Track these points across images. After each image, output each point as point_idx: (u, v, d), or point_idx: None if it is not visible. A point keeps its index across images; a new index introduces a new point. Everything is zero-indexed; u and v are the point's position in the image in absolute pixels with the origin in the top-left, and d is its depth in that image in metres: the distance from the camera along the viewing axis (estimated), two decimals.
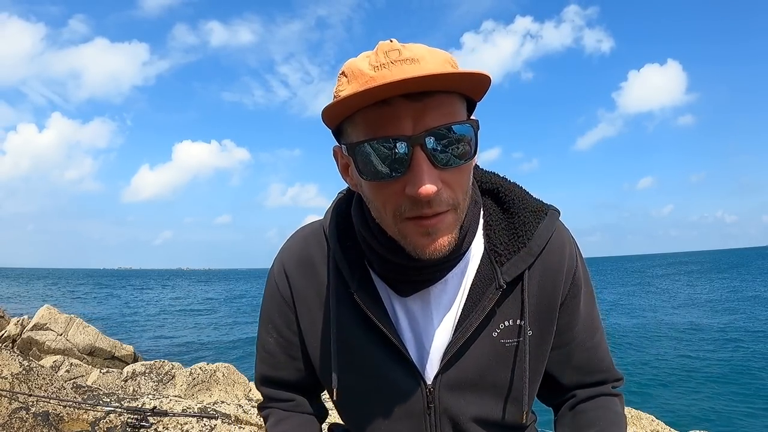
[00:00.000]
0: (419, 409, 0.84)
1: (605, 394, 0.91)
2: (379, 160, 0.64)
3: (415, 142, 0.63)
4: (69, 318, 10.21)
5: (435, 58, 0.66)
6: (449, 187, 0.66)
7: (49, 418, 3.17)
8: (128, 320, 25.39)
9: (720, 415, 8.60)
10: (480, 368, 0.82)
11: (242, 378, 6.20)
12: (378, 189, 0.67)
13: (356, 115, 0.65)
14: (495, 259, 0.80)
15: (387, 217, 0.70)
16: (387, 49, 0.65)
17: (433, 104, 0.63)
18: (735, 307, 23.09)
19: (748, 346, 14.19)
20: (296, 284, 0.88)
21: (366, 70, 0.65)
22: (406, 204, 0.66)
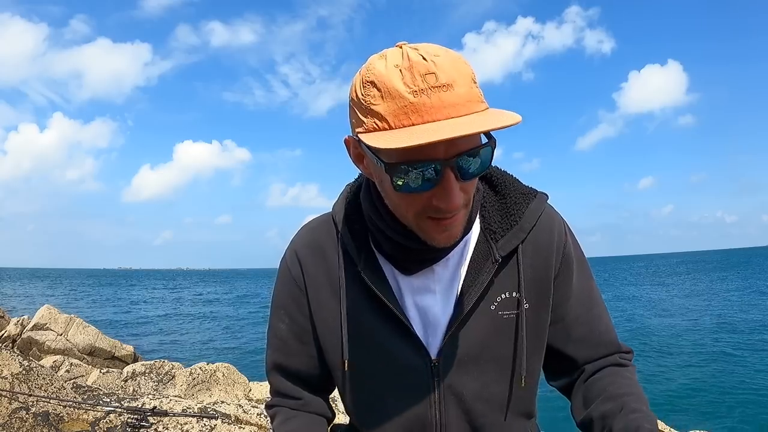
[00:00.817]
0: (425, 384, 0.88)
1: (614, 365, 0.92)
2: (414, 179, 0.71)
3: (446, 165, 0.70)
4: (69, 318, 10.22)
5: (463, 77, 0.69)
6: (466, 192, 0.76)
7: (49, 418, 3.17)
8: (128, 320, 25.39)
9: (720, 415, 8.60)
10: (481, 341, 0.87)
11: (242, 378, 6.20)
12: (407, 198, 0.75)
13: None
14: (490, 236, 0.88)
15: (408, 215, 0.78)
16: (423, 71, 0.67)
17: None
18: (736, 307, 23.09)
19: (749, 346, 14.19)
20: (308, 268, 0.93)
21: (403, 92, 0.67)
22: (430, 209, 0.75)
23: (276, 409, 0.97)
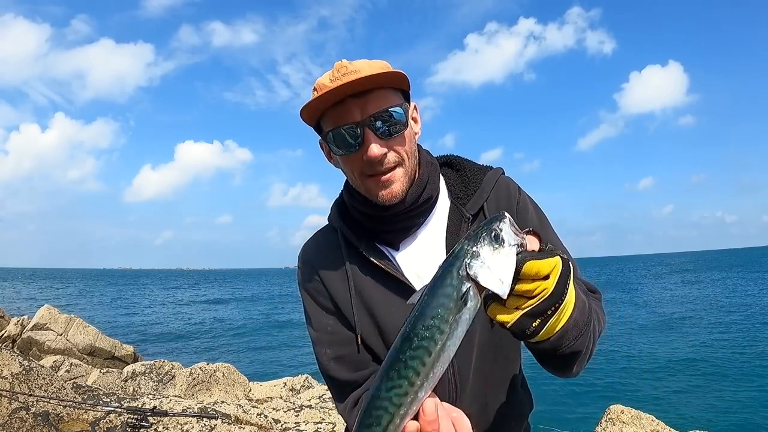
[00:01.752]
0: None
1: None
2: (343, 140, 0.97)
3: (362, 124, 0.95)
4: (69, 318, 10.21)
5: (372, 67, 0.95)
6: (393, 150, 0.97)
7: (49, 418, 3.17)
8: (128, 320, 25.39)
9: (720, 415, 8.60)
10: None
11: (242, 378, 6.19)
12: (347, 160, 0.99)
13: (325, 114, 0.99)
14: (458, 202, 1.08)
15: (356, 178, 1.01)
16: (338, 67, 0.97)
17: (371, 98, 0.95)
18: (737, 306, 23.09)
19: (749, 346, 14.19)
20: (319, 268, 1.10)
21: (327, 83, 0.96)
22: (365, 166, 0.97)
23: (350, 397, 1.04)
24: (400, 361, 0.73)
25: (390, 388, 0.73)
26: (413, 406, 0.73)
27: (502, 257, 0.68)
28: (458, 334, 0.71)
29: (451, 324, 0.70)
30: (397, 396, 0.73)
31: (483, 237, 0.69)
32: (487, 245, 0.68)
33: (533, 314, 0.70)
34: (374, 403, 0.75)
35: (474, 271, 0.68)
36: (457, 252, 0.71)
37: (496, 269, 0.67)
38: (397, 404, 0.73)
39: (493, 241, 0.68)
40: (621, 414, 4.85)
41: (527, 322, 0.70)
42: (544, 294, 0.69)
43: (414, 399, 0.73)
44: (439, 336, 0.70)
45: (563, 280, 0.70)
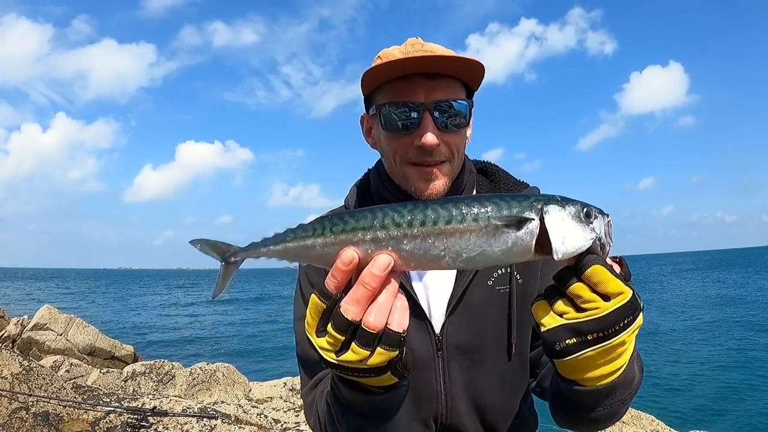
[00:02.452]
0: (428, 357, 0.96)
1: None
2: (397, 118, 0.90)
3: (425, 108, 0.89)
4: (69, 318, 10.21)
5: (446, 52, 0.92)
6: (446, 144, 0.91)
7: (49, 418, 3.17)
8: (128, 320, 25.38)
9: (720, 415, 8.60)
10: (481, 314, 0.96)
11: (242, 378, 6.19)
12: (393, 140, 0.93)
13: (385, 86, 0.92)
14: None
15: (395, 163, 0.94)
16: (413, 42, 0.94)
17: (441, 84, 0.90)
18: (737, 306, 23.09)
19: (749, 346, 14.19)
20: None
21: (396, 54, 0.91)
22: (413, 152, 0.91)
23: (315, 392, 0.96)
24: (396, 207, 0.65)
25: (359, 217, 0.66)
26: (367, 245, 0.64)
27: (579, 229, 0.63)
28: (477, 246, 0.62)
29: (484, 229, 0.62)
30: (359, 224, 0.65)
31: (577, 203, 0.65)
32: (576, 210, 0.64)
33: (573, 329, 0.62)
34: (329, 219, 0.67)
35: (548, 210, 0.63)
36: (545, 194, 0.66)
37: (568, 231, 0.62)
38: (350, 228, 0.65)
39: (581, 212, 0.64)
40: None
41: (564, 335, 0.63)
42: (595, 313, 0.61)
43: (373, 239, 0.64)
44: (460, 221, 0.62)
45: (623, 315, 0.62)
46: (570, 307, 0.63)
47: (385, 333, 0.63)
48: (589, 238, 0.63)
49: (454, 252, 0.63)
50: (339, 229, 0.65)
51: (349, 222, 0.65)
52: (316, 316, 0.65)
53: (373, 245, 0.64)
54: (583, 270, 0.61)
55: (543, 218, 0.63)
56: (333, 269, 0.64)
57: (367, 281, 0.62)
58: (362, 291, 0.62)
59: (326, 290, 0.64)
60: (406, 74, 0.88)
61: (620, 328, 0.62)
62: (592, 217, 0.64)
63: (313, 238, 0.67)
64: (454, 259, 0.63)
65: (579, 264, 0.62)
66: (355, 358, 0.63)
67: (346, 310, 0.62)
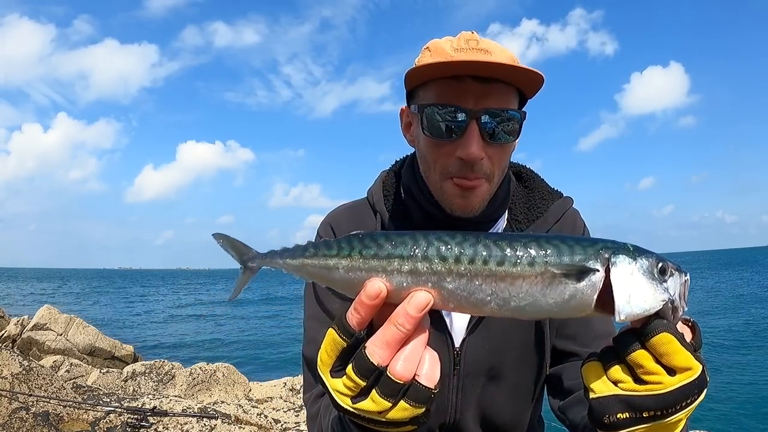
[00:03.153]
0: (445, 371, 0.89)
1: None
2: (442, 122, 0.81)
3: (473, 115, 0.80)
4: (69, 318, 10.21)
5: (503, 54, 0.84)
6: (490, 160, 0.83)
7: (49, 418, 3.17)
8: (128, 320, 25.38)
9: (720, 415, 8.60)
10: (503, 332, 0.92)
11: (242, 378, 6.19)
12: (434, 146, 0.85)
13: (431, 83, 0.83)
14: (515, 226, 0.96)
15: (434, 172, 0.87)
16: (467, 38, 0.84)
17: (494, 90, 0.81)
18: (737, 306, 23.08)
19: (749, 345, 14.18)
20: (342, 232, 0.94)
21: (447, 50, 0.83)
22: (454, 165, 0.83)
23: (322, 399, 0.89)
24: (442, 237, 0.55)
25: (397, 242, 0.55)
26: (403, 278, 0.55)
27: (650, 288, 0.53)
28: (529, 295, 0.53)
29: (540, 276, 0.53)
30: (396, 251, 0.55)
31: (650, 255, 0.55)
32: (649, 263, 0.54)
33: (628, 403, 0.53)
34: (359, 239, 0.57)
35: (616, 262, 0.53)
36: (614, 241, 0.57)
37: (636, 288, 0.53)
38: (385, 255, 0.55)
39: (656, 267, 0.54)
40: None
41: (616, 407, 0.54)
42: (657, 388, 0.53)
43: (411, 272, 0.54)
44: (513, 264, 0.53)
45: (687, 395, 0.53)
46: (628, 375, 0.55)
47: (413, 386, 0.54)
48: (660, 300, 0.53)
49: (501, 299, 0.54)
50: (371, 253, 0.55)
51: (384, 246, 0.55)
52: (333, 354, 0.56)
53: (410, 278, 0.54)
54: (650, 337, 0.52)
55: (609, 270, 0.53)
56: (356, 302, 0.54)
57: (400, 322, 0.53)
58: (393, 332, 0.53)
59: (347, 325, 0.55)
60: (457, 74, 0.80)
61: (681, 407, 0.53)
62: (667, 275, 0.55)
63: (336, 258, 0.57)
64: (500, 306, 0.54)
65: (645, 329, 0.53)
66: (374, 409, 0.54)
67: (373, 354, 0.53)
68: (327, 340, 0.56)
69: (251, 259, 0.69)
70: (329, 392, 0.57)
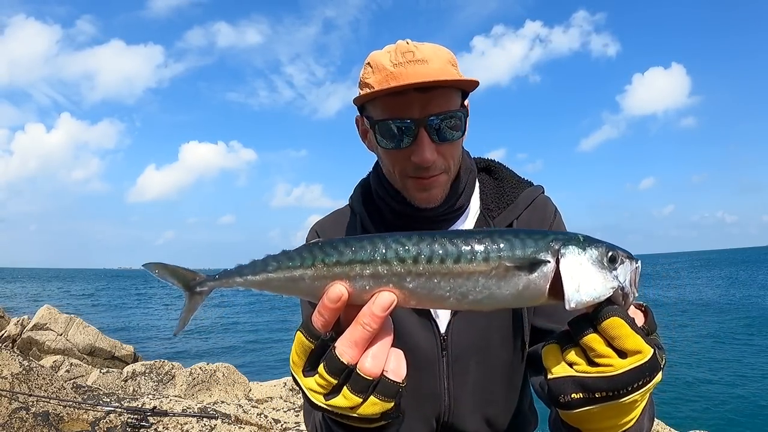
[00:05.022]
0: (433, 357, 0.96)
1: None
2: (394, 134, 0.88)
3: (420, 123, 0.87)
4: (69, 318, 10.21)
5: (440, 59, 0.89)
6: (443, 156, 0.91)
7: (49, 418, 3.17)
8: (128, 320, 25.39)
9: (720, 415, 8.60)
10: (485, 314, 0.94)
11: (242, 378, 6.19)
12: (390, 154, 0.92)
13: (377, 99, 0.90)
14: (488, 214, 1.02)
15: (395, 175, 0.95)
16: (404, 50, 0.89)
17: (436, 96, 0.87)
18: (737, 306, 23.08)
19: (749, 345, 14.18)
20: (328, 237, 1.03)
21: (387, 65, 0.89)
22: (410, 167, 0.91)
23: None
24: (399, 239, 0.57)
25: (357, 247, 0.57)
26: (365, 281, 0.56)
27: (600, 276, 0.55)
28: (485, 288, 0.55)
29: (494, 270, 0.55)
30: (356, 256, 0.56)
31: (600, 244, 0.58)
32: (598, 253, 0.57)
33: (581, 384, 0.56)
34: (320, 248, 0.58)
35: (565, 253, 0.56)
36: (566, 233, 0.59)
37: (585, 276, 0.55)
38: (347, 261, 0.56)
39: (605, 256, 0.57)
40: None
41: (570, 387, 0.57)
42: (607, 370, 0.55)
43: (373, 275, 0.56)
44: (469, 260, 0.55)
45: (638, 377, 0.55)
46: (582, 358, 0.57)
47: (381, 381, 0.57)
48: (609, 287, 0.55)
49: (459, 293, 0.56)
50: (332, 260, 0.57)
51: (344, 253, 0.57)
52: (302, 356, 0.59)
53: (371, 281, 0.56)
54: (600, 321, 0.55)
55: (559, 261, 0.56)
56: (320, 306, 0.57)
57: (366, 321, 0.55)
58: (361, 332, 0.56)
59: (313, 328, 0.57)
60: (400, 91, 0.86)
61: (633, 389, 0.55)
62: (617, 263, 0.57)
63: (301, 269, 0.58)
64: (459, 300, 0.57)
65: (596, 314, 0.56)
66: (346, 405, 0.57)
67: (342, 353, 0.56)
68: (296, 343, 0.59)
69: (199, 283, 0.66)
70: (303, 391, 0.60)
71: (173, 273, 0.67)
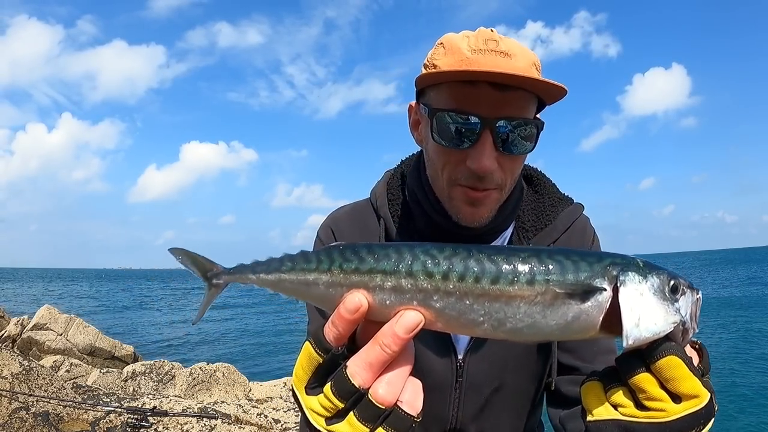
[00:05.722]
0: (447, 383, 0.89)
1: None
2: (454, 130, 0.75)
3: (487, 124, 0.73)
4: (69, 318, 10.21)
5: (525, 57, 0.77)
6: (503, 170, 0.78)
7: (49, 418, 3.17)
8: (128, 320, 25.38)
9: (720, 415, 8.59)
10: (507, 346, 0.87)
11: (242, 378, 6.19)
12: (443, 153, 0.78)
13: (443, 85, 0.76)
14: (522, 234, 0.91)
15: (441, 178, 0.81)
16: (486, 37, 0.76)
17: (512, 98, 0.74)
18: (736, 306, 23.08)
19: (749, 346, 14.17)
20: (343, 236, 0.93)
21: (463, 49, 0.75)
22: (463, 173, 0.77)
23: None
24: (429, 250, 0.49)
25: (380, 255, 0.50)
26: (386, 295, 0.49)
27: (662, 309, 0.48)
28: (528, 315, 0.47)
29: (540, 296, 0.47)
30: (379, 265, 0.49)
31: (661, 271, 0.50)
32: (659, 281, 0.49)
33: (627, 429, 0.50)
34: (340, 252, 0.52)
35: (624, 281, 0.48)
36: (623, 256, 0.51)
37: (646, 309, 0.48)
38: (367, 269, 0.49)
39: (667, 285, 0.49)
40: None
41: (612, 431, 0.51)
42: (659, 416, 0.49)
43: (395, 289, 0.49)
44: (510, 282, 0.47)
45: (692, 425, 0.49)
46: (630, 400, 0.51)
47: (394, 412, 0.49)
48: (671, 323, 0.48)
49: (496, 320, 0.48)
50: (351, 267, 0.50)
51: (366, 260, 0.50)
52: (308, 370, 0.52)
53: (393, 296, 0.49)
54: (656, 360, 0.48)
55: (617, 289, 0.48)
56: (335, 316, 0.49)
57: (387, 342, 0.47)
58: (378, 353, 0.48)
59: (324, 340, 0.50)
60: (473, 80, 0.73)
61: None
62: (679, 293, 0.50)
63: (316, 273, 0.52)
64: (494, 327, 0.49)
65: (651, 351, 0.49)
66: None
67: (354, 374, 0.48)
68: (302, 355, 0.52)
69: (217, 275, 0.64)
70: (303, 411, 0.52)
71: (194, 261, 0.66)
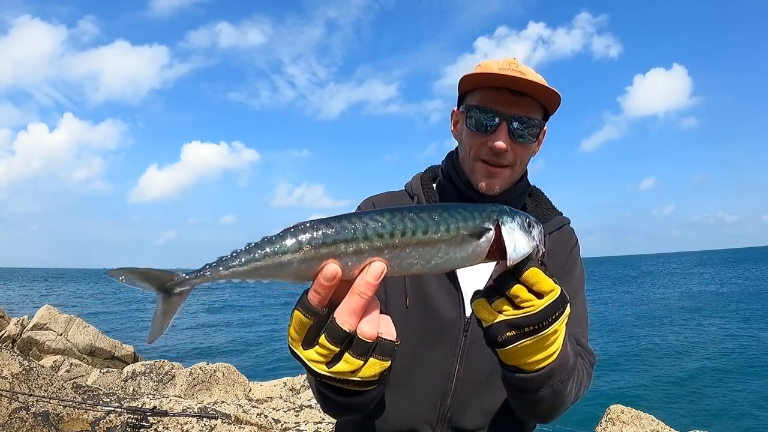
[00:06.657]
0: (454, 336, 1.05)
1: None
2: (481, 120, 1.07)
3: (504, 118, 1.05)
4: (69, 318, 10.21)
5: (537, 77, 1.05)
6: (513, 153, 1.07)
7: (49, 418, 3.17)
8: (128, 320, 25.37)
9: (720, 415, 8.60)
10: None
11: (242, 378, 6.19)
12: (472, 136, 1.09)
13: (477, 91, 1.09)
14: None
15: (469, 156, 1.11)
16: (510, 62, 1.08)
17: (523, 102, 1.05)
18: (736, 306, 23.07)
19: (749, 346, 14.18)
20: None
21: (493, 68, 1.06)
22: (485, 151, 1.07)
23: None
24: (374, 217, 0.64)
25: (338, 228, 0.62)
26: (349, 258, 0.61)
27: (525, 237, 0.70)
28: (445, 253, 0.66)
29: (454, 239, 0.66)
30: (340, 236, 0.61)
31: (520, 213, 0.72)
32: (521, 221, 0.71)
33: (511, 324, 0.70)
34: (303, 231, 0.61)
35: (503, 221, 0.69)
36: (496, 204, 0.72)
37: (518, 239, 0.69)
38: (332, 241, 0.61)
39: (525, 222, 0.71)
40: (621, 414, 4.85)
41: (503, 329, 0.71)
42: (530, 310, 0.70)
43: (356, 252, 0.62)
44: (435, 232, 0.65)
45: (554, 310, 0.71)
46: (509, 305, 0.71)
47: (379, 342, 0.64)
48: (532, 245, 0.71)
49: (425, 259, 0.65)
50: (318, 242, 0.61)
51: (328, 234, 0.61)
52: (301, 332, 0.64)
53: (355, 257, 0.62)
54: (523, 273, 0.69)
55: (498, 228, 0.68)
56: (316, 285, 0.61)
57: (362, 290, 0.61)
58: (357, 301, 0.62)
59: (310, 305, 0.62)
60: (498, 86, 1.04)
61: (552, 320, 0.71)
62: (533, 227, 0.72)
63: (289, 254, 0.61)
64: (423, 265, 0.66)
65: (520, 267, 0.70)
66: (348, 369, 0.64)
67: (343, 322, 0.62)
68: (294, 321, 0.64)
69: (180, 283, 0.63)
70: (304, 363, 0.65)
71: (144, 277, 0.62)
